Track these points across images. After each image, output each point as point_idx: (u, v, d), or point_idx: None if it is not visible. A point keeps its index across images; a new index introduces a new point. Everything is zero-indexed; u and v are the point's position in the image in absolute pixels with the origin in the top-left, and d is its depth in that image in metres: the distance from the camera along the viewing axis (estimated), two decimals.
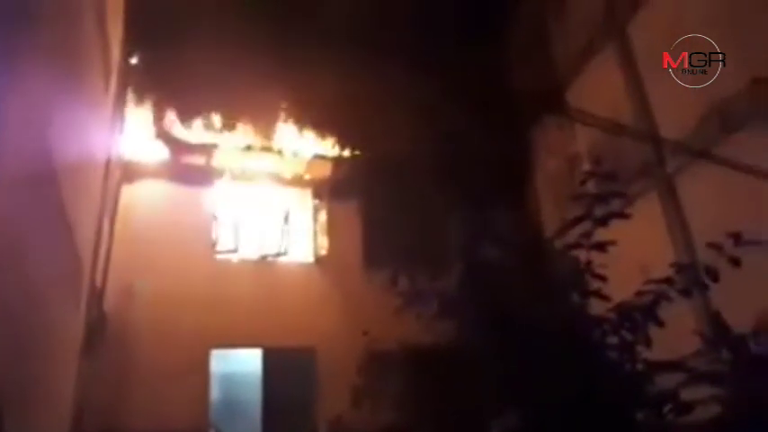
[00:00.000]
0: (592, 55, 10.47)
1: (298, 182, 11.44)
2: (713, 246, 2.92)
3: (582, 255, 3.05)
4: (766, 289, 6.05)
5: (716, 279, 2.90)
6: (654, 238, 8.59)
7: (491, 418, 2.86)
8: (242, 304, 9.86)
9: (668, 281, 2.92)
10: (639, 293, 2.93)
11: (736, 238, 2.92)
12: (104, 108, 7.91)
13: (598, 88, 10.22)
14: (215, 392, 9.70)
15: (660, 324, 2.90)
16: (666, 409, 3.00)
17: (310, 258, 11.15)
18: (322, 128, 11.18)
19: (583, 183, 3.09)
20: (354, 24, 10.81)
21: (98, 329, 8.13)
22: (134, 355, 9.03)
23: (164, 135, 10.46)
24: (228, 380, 10.17)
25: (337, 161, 11.28)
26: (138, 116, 10.32)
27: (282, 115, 11.11)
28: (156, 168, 10.47)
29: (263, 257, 10.79)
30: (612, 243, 2.99)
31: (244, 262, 10.60)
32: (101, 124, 7.64)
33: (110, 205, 8.79)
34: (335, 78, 10.41)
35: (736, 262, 2.89)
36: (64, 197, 5.03)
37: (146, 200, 10.22)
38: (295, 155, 11.15)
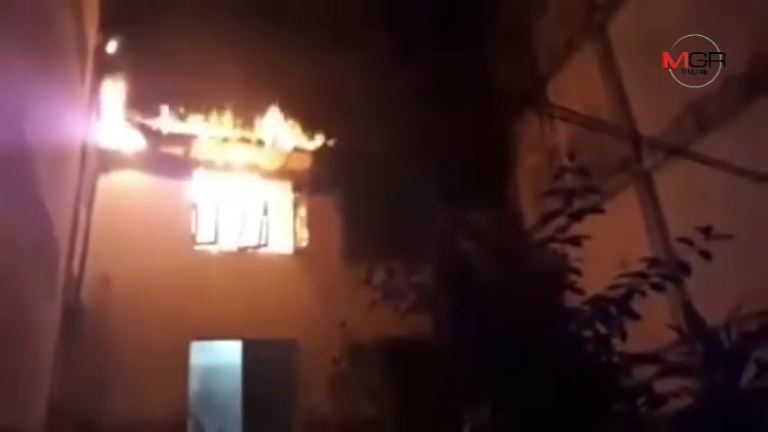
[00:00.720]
0: (572, 52, 10.58)
1: (278, 174, 11.38)
2: (684, 240, 2.97)
3: (558, 249, 3.09)
4: (739, 283, 6.17)
5: (688, 273, 2.96)
6: (632, 231, 8.73)
7: (465, 410, 2.88)
8: (221, 296, 9.80)
9: (641, 275, 2.96)
10: (613, 287, 2.97)
11: (706, 232, 2.97)
12: (80, 96, 7.79)
13: (578, 84, 10.31)
14: (195, 384, 9.65)
15: (635, 317, 2.95)
16: (641, 401, 3.05)
17: (290, 250, 11.12)
18: (302, 120, 11.12)
19: (557, 178, 3.12)
20: (334, 16, 10.78)
21: (75, 319, 8.03)
22: (112, 345, 8.93)
23: (141, 125, 10.32)
24: (208, 371, 10.13)
25: (317, 154, 11.23)
26: (116, 105, 10.17)
27: (262, 106, 11.02)
28: (134, 158, 10.33)
29: (243, 249, 10.74)
30: (586, 237, 3.03)
31: (223, 253, 10.54)
32: (77, 112, 7.52)
33: (86, 194, 8.68)
34: (315, 71, 10.37)
35: (706, 255, 2.94)
36: (40, 185, 4.96)
37: (124, 189, 10.09)
38: (275, 146, 11.08)
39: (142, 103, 10.36)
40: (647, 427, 3.10)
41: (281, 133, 11.10)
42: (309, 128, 11.23)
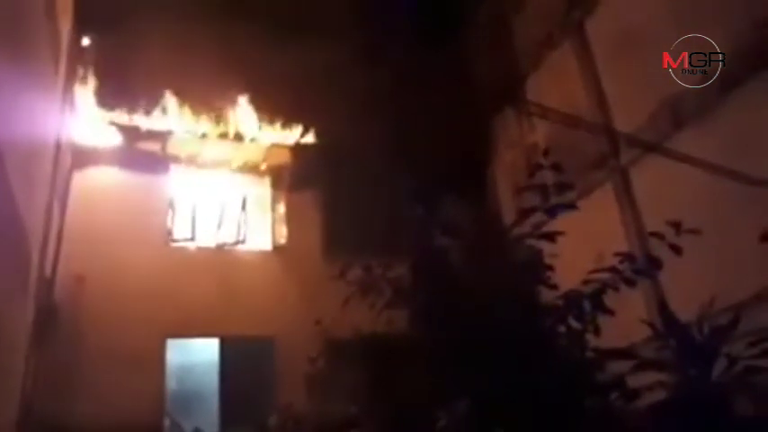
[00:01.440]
0: (551, 48, 10.64)
1: (256, 170, 11.30)
2: (656, 234, 3.01)
3: (534, 244, 3.11)
4: (711, 278, 6.27)
5: (659, 267, 2.99)
6: (609, 226, 8.83)
7: (440, 406, 2.89)
8: (199, 293, 9.71)
9: (614, 270, 2.99)
10: (586, 282, 2.99)
11: (677, 227, 3.01)
12: (54, 92, 7.67)
13: (556, 81, 10.38)
14: (171, 383, 9.56)
15: (609, 312, 2.98)
16: (614, 395, 3.09)
17: (269, 247, 11.05)
18: (280, 116, 11.05)
19: (531, 175, 3.14)
20: (313, 11, 10.74)
21: (48, 320, 7.91)
22: (86, 345, 8.81)
23: (116, 121, 10.17)
24: (185, 370, 10.03)
25: (296, 150, 11.16)
26: (90, 100, 10.02)
27: (239, 102, 10.94)
28: (109, 154, 10.18)
29: (221, 246, 10.64)
30: (561, 233, 3.05)
31: (200, 250, 10.44)
32: (50, 108, 7.40)
33: (60, 192, 8.54)
34: (294, 66, 10.33)
35: (677, 250, 2.98)
36: (11, 183, 4.86)
37: (99, 186, 9.95)
38: (253, 142, 11.00)
39: (117, 98, 10.21)
40: (621, 421, 3.13)
41: (258, 129, 11.03)
42: (288, 123, 11.17)
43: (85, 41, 9.86)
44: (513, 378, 2.75)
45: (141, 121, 10.35)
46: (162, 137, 10.52)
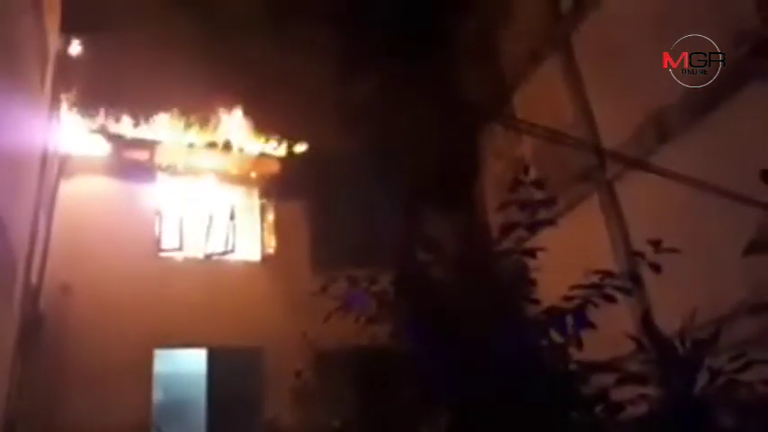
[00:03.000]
0: (537, 62, 10.75)
1: (244, 180, 11.30)
2: (636, 254, 3.05)
3: (519, 259, 3.14)
4: (695, 292, 6.33)
5: (638, 284, 3.04)
6: (596, 240, 8.89)
7: (422, 418, 2.90)
8: (186, 303, 9.66)
9: (594, 286, 3.02)
10: (567, 298, 3.02)
11: (656, 245, 3.06)
12: (40, 100, 7.65)
13: (542, 94, 10.48)
14: (158, 393, 9.49)
15: (591, 326, 3.01)
16: (598, 408, 3.11)
17: (257, 257, 11.03)
18: (269, 126, 11.07)
19: (512, 190, 3.17)
20: (302, 24, 10.80)
21: (33, 330, 7.84)
22: (72, 356, 8.74)
23: (104, 129, 10.14)
24: (172, 380, 9.96)
25: (285, 160, 11.18)
26: (78, 109, 9.98)
27: (228, 111, 10.95)
28: (96, 163, 10.15)
29: (209, 256, 10.61)
30: (542, 249, 3.09)
31: (188, 260, 10.41)
32: (36, 116, 7.38)
33: (47, 201, 8.50)
34: (284, 77, 10.37)
35: (656, 269, 3.02)
36: None
37: (86, 195, 9.90)
38: (241, 152, 11.01)
39: (105, 107, 10.19)
40: None
41: (247, 138, 11.04)
42: (277, 134, 11.19)
43: (73, 49, 9.84)
44: (497, 391, 2.77)
45: (129, 129, 10.33)
46: (150, 146, 10.50)
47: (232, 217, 10.94)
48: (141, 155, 10.49)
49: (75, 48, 9.76)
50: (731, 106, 7.13)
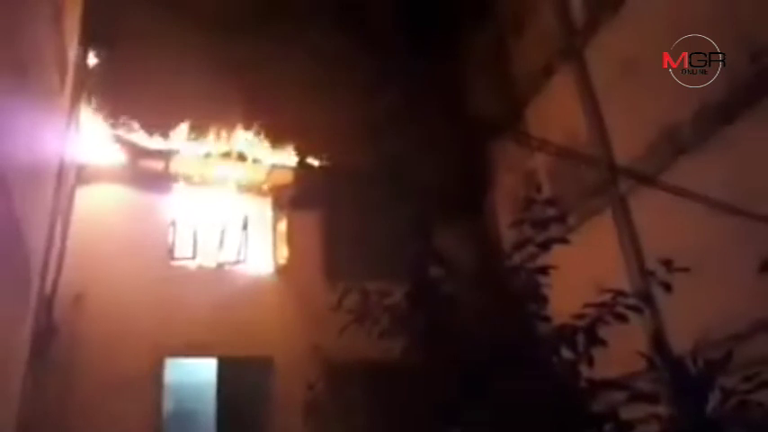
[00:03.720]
0: (549, 76, 10.74)
1: (258, 190, 11.36)
2: (648, 273, 3.04)
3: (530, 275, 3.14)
4: (707, 310, 6.27)
5: (649, 303, 3.03)
6: (608, 254, 8.84)
7: None
8: (198, 313, 9.69)
9: (605, 305, 3.02)
10: (577, 316, 3.02)
11: (668, 264, 3.05)
12: (59, 109, 7.74)
13: (555, 108, 10.47)
14: (168, 403, 9.51)
15: (602, 344, 3.00)
16: (608, 427, 3.10)
17: (269, 268, 11.06)
18: (284, 137, 11.15)
19: (525, 209, 3.18)
20: (317, 37, 10.89)
21: (47, 338, 7.91)
22: (85, 364, 8.78)
23: (121, 139, 10.27)
24: (182, 390, 9.99)
25: (298, 171, 11.25)
26: (95, 118, 10.12)
27: (242, 123, 11.05)
28: (112, 172, 10.26)
29: (221, 265, 10.66)
30: (554, 267, 3.09)
31: (201, 269, 10.46)
32: (55, 125, 7.47)
33: (63, 210, 8.58)
34: (299, 89, 10.45)
35: (667, 288, 3.01)
36: (14, 201, 4.91)
37: (101, 204, 9.99)
38: (255, 162, 11.09)
39: (122, 117, 10.32)
40: None
41: (261, 150, 11.12)
42: (290, 144, 11.26)
43: (92, 61, 9.99)
44: (509, 406, 2.77)
45: (145, 139, 10.45)
46: (165, 156, 10.61)
47: (245, 227, 10.99)
48: (157, 165, 10.60)
49: (94, 59, 9.90)
50: (746, 122, 7.10)
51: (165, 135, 10.53)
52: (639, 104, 8.69)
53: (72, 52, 8.25)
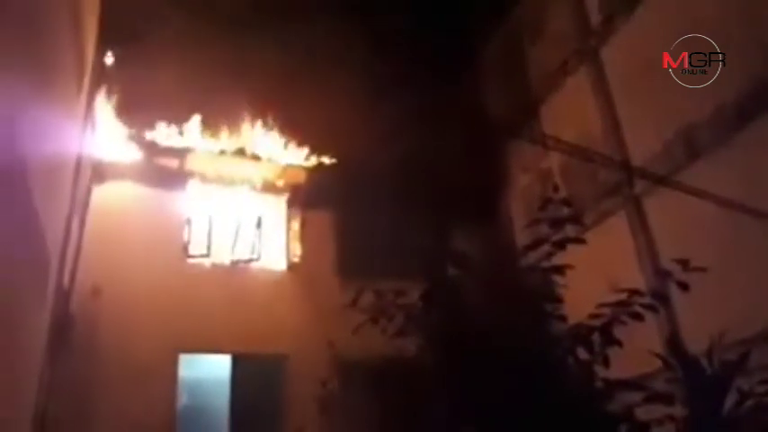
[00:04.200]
0: (565, 76, 10.70)
1: (272, 188, 11.41)
2: (663, 273, 3.03)
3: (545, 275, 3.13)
4: (723, 311, 6.22)
5: (666, 303, 3.01)
6: (623, 255, 8.79)
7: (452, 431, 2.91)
8: (212, 309, 9.77)
9: (622, 304, 3.01)
10: (594, 315, 3.01)
11: (684, 264, 3.03)
12: (77, 107, 7.83)
13: (570, 108, 10.44)
14: (182, 398, 9.58)
15: (617, 344, 3.00)
16: (624, 427, 3.09)
17: (282, 265, 11.11)
18: (298, 135, 11.20)
19: (541, 208, 3.17)
20: (334, 38, 10.92)
21: (64, 331, 8.00)
22: (100, 357, 8.88)
23: (137, 137, 10.36)
24: (196, 385, 10.06)
25: (312, 170, 11.29)
26: (112, 116, 10.22)
27: (256, 121, 11.11)
28: (128, 169, 10.36)
29: (235, 263, 10.73)
30: (570, 267, 3.08)
31: (215, 266, 10.53)
32: (72, 123, 7.55)
33: (80, 206, 8.68)
34: (315, 88, 10.48)
35: (684, 287, 2.99)
36: (33, 196, 4.98)
37: (118, 201, 10.09)
38: (270, 161, 11.14)
39: (138, 115, 10.41)
40: None
41: (276, 148, 11.17)
42: (305, 143, 11.30)
43: (109, 58, 10.08)
44: (524, 406, 2.77)
45: (160, 137, 10.53)
46: (180, 153, 10.70)
47: (259, 225, 11.05)
48: (172, 162, 10.69)
49: (111, 58, 10.00)
50: (762, 125, 7.03)
51: (179, 132, 10.61)
52: (655, 105, 8.64)
53: (90, 52, 8.34)
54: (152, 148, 10.50)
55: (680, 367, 3.39)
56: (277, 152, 11.18)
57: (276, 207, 11.49)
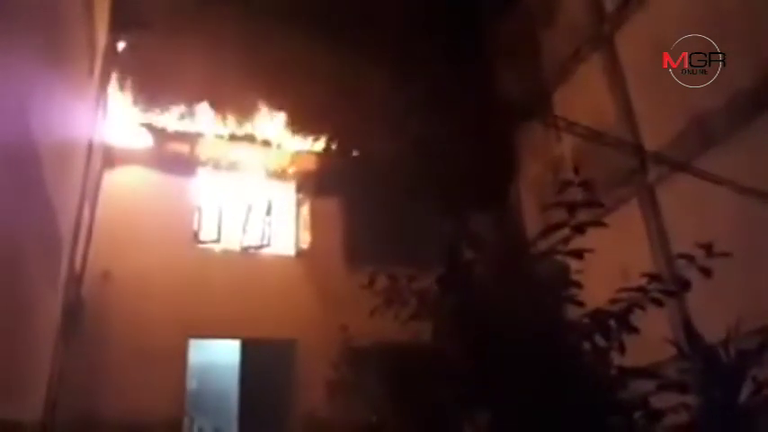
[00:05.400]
0: (579, 62, 10.58)
1: (282, 175, 11.42)
2: (685, 256, 2.99)
3: (560, 260, 3.10)
4: (738, 300, 6.17)
5: (688, 288, 2.97)
6: (634, 244, 8.73)
7: (464, 417, 2.90)
8: (222, 294, 9.81)
9: (641, 289, 2.97)
10: (613, 301, 2.98)
11: (708, 249, 2.99)
12: (88, 92, 7.84)
13: (584, 95, 10.33)
14: (192, 382, 9.66)
15: (634, 331, 2.96)
16: (638, 415, 3.06)
17: (291, 252, 11.13)
18: (308, 122, 11.15)
19: (561, 191, 3.12)
20: (344, 23, 10.84)
21: (75, 314, 8.06)
22: (111, 341, 8.94)
23: (147, 122, 10.36)
24: (206, 370, 10.13)
25: (322, 156, 11.27)
26: (123, 102, 10.22)
27: (267, 108, 11.07)
28: (139, 155, 10.37)
29: (245, 249, 10.76)
30: (590, 250, 3.04)
31: (225, 252, 10.56)
32: (84, 108, 7.56)
33: (91, 190, 8.71)
34: (324, 75, 10.44)
35: (707, 272, 2.95)
36: (46, 181, 4.99)
37: (128, 186, 10.13)
38: (280, 148, 11.13)
39: (149, 100, 10.41)
40: None
41: (286, 134, 11.14)
42: (315, 130, 11.26)
43: (120, 44, 10.08)
44: (537, 393, 2.75)
45: (171, 123, 10.53)
46: (191, 139, 10.70)
47: (269, 211, 11.06)
48: (183, 148, 10.69)
49: (122, 44, 9.99)
50: None
51: (190, 118, 10.60)
52: (670, 92, 8.53)
53: (101, 38, 8.34)
54: (163, 134, 10.50)
55: (695, 356, 3.36)
56: (287, 138, 11.16)
57: (286, 193, 11.50)
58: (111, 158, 10.02)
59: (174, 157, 10.63)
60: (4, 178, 3.72)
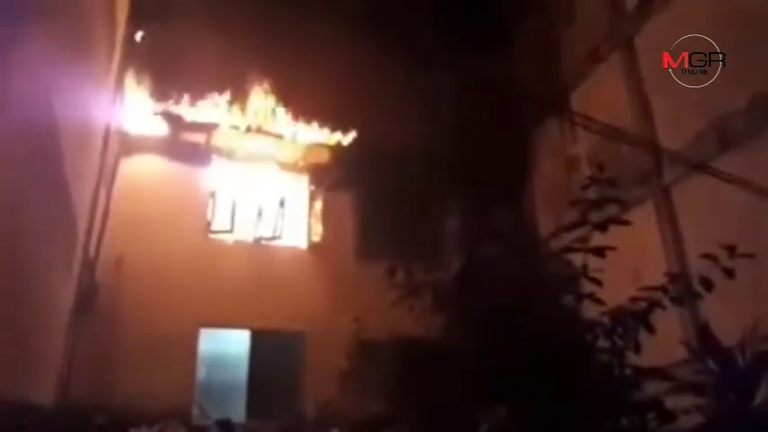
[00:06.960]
0: (597, 62, 10.50)
1: (295, 167, 11.45)
2: (708, 257, 2.96)
3: (577, 258, 3.08)
4: (754, 302, 6.12)
5: (709, 289, 2.95)
6: (647, 245, 8.66)
7: (479, 412, 2.89)
8: (233, 285, 9.87)
9: (662, 289, 2.95)
10: (634, 299, 2.96)
11: (731, 250, 2.96)
12: (107, 81, 7.90)
13: (602, 94, 10.24)
14: (201, 371, 9.71)
15: (652, 331, 2.94)
16: (651, 416, 3.04)
17: (303, 244, 11.16)
18: (323, 115, 11.15)
19: (585, 188, 3.09)
20: (364, 15, 10.82)
21: (89, 298, 8.15)
22: (123, 327, 9.04)
23: (164, 111, 10.41)
24: (215, 359, 10.18)
25: (336, 149, 11.28)
26: (140, 91, 10.27)
27: (282, 100, 11.08)
28: (155, 143, 10.45)
29: (258, 240, 10.80)
30: (612, 248, 3.02)
31: (238, 243, 10.61)
32: (102, 96, 7.63)
33: (107, 177, 8.79)
34: (340, 67, 10.44)
35: (730, 274, 2.92)
36: (65, 167, 5.04)
37: (144, 174, 10.21)
38: (294, 140, 11.14)
39: (166, 90, 10.45)
40: None
41: (300, 126, 11.15)
42: (330, 123, 11.27)
43: (138, 34, 10.13)
44: (554, 388, 2.74)
45: (188, 112, 10.57)
46: (207, 129, 10.74)
47: (282, 203, 11.09)
48: (198, 137, 10.74)
49: (141, 32, 10.04)
50: None
51: (206, 108, 10.63)
52: (688, 94, 8.44)
53: (120, 28, 8.40)
54: (179, 123, 10.55)
55: (711, 358, 3.34)
56: (302, 131, 11.17)
57: (299, 185, 11.52)
58: (127, 146, 10.09)
59: (190, 147, 10.70)
60: (27, 165, 3.76)
